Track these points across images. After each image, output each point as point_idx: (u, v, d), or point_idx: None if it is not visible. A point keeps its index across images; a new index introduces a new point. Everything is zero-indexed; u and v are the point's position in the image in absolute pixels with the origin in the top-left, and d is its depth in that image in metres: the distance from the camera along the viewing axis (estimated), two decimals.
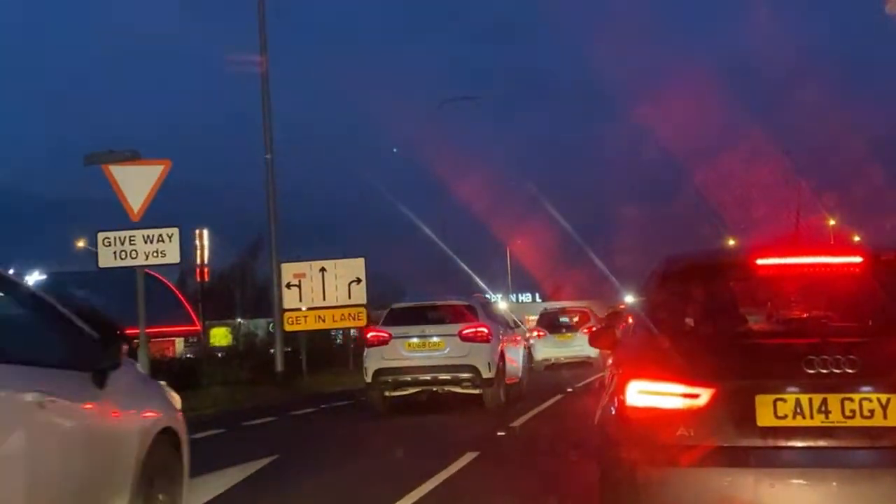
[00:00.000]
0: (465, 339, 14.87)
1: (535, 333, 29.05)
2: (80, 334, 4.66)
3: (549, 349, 28.88)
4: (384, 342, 15.19)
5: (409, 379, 14.96)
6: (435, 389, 15.34)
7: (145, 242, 16.30)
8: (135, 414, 5.07)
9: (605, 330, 6.09)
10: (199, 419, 15.49)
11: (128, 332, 17.49)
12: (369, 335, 15.84)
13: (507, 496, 7.49)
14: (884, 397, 4.25)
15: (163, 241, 16.29)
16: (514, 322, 19.64)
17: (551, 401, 16.11)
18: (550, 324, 29.79)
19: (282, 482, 8.81)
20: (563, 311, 31.58)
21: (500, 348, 15.17)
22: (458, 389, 15.02)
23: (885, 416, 4.24)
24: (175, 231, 16.39)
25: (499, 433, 11.69)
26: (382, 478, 8.73)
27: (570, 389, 18.54)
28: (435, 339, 15.07)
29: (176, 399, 5.70)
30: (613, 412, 4.69)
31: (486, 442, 10.83)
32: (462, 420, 13.44)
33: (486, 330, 14.99)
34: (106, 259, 16.34)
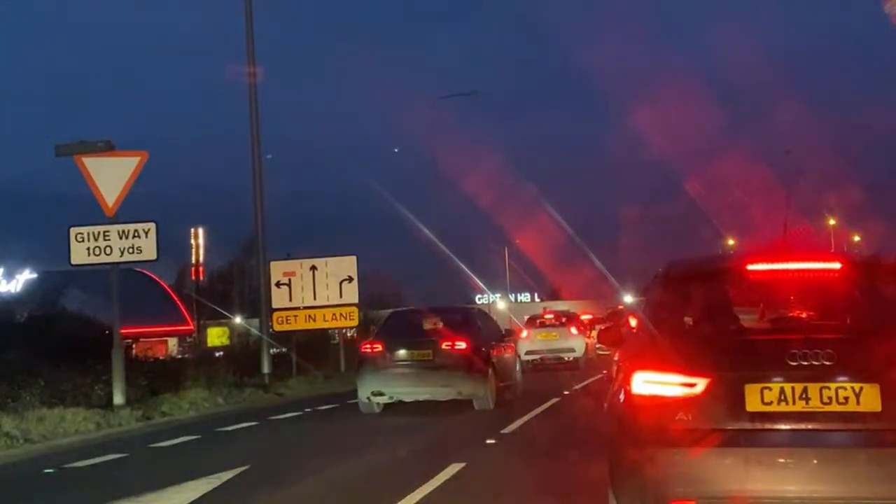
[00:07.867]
0: None
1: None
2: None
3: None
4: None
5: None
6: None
7: (120, 238, 15.58)
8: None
9: (611, 328, 6.83)
10: (173, 424, 14.79)
11: (123, 331, 16.10)
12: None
13: None
14: (857, 386, 4.81)
15: (138, 236, 15.55)
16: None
17: (546, 405, 15.46)
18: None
19: (244, 497, 8.07)
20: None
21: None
22: None
23: (857, 403, 4.80)
24: (152, 226, 15.64)
25: (488, 441, 10.93)
26: (347, 498, 8.06)
27: (566, 392, 18.05)
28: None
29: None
30: (621, 399, 5.22)
31: (474, 451, 10.10)
32: (452, 425, 12.70)
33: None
34: (79, 255, 15.61)
